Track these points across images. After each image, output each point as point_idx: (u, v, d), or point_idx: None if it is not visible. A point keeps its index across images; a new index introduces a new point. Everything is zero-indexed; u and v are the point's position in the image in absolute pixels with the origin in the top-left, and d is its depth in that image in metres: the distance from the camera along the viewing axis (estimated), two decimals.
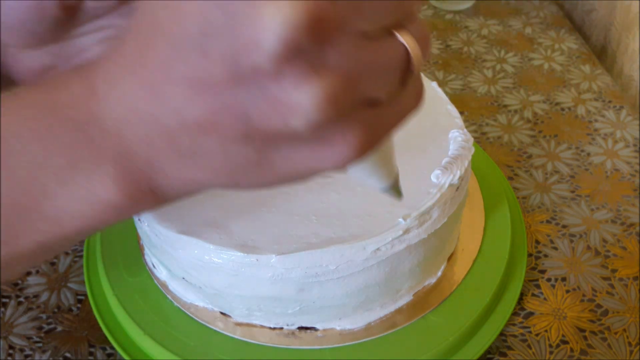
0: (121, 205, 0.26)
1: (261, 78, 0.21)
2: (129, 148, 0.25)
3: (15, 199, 0.25)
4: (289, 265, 0.39)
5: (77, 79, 0.25)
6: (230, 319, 0.44)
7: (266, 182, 0.25)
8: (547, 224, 0.56)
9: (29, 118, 0.25)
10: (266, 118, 0.22)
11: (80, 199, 0.25)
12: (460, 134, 0.46)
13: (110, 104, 0.24)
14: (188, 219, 0.42)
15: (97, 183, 0.25)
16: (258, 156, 0.24)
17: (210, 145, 0.23)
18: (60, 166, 0.25)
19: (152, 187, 0.26)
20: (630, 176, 0.60)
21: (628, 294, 0.50)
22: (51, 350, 0.47)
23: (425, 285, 0.46)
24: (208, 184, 0.26)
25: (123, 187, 0.25)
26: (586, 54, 0.77)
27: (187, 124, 0.23)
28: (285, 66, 0.21)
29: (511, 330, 0.48)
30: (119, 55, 0.24)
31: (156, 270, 0.47)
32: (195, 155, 0.24)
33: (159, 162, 0.25)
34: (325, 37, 0.21)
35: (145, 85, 0.23)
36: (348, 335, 0.44)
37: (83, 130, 0.25)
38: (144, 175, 0.25)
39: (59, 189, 0.25)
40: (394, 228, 0.40)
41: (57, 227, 0.26)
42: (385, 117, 0.25)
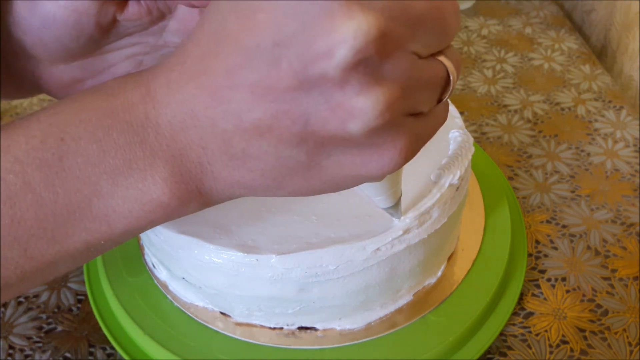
0: (170, 205, 0.27)
1: (327, 85, 0.23)
2: (182, 150, 0.26)
3: (69, 198, 0.26)
4: (289, 265, 0.39)
5: (133, 85, 0.27)
6: (230, 319, 0.44)
7: (309, 187, 0.27)
8: (547, 224, 0.56)
9: (86, 120, 0.26)
10: (325, 122, 0.24)
11: (131, 199, 0.27)
12: (460, 133, 0.46)
13: (167, 109, 0.26)
14: (188, 218, 0.41)
15: (149, 183, 0.26)
16: (308, 160, 0.26)
17: (264, 147, 0.25)
18: (115, 167, 0.26)
19: (199, 189, 0.27)
20: (630, 176, 0.60)
21: (628, 294, 0.50)
22: (51, 350, 0.47)
23: (425, 285, 0.46)
24: (253, 187, 0.27)
25: (173, 187, 0.27)
26: (586, 54, 0.77)
27: (244, 127, 0.25)
28: (351, 74, 0.23)
29: (511, 330, 0.48)
30: (179, 62, 0.26)
31: (156, 270, 0.47)
32: (246, 157, 0.26)
33: (209, 164, 0.26)
34: (388, 52, 0.24)
35: (206, 90, 0.25)
36: (348, 335, 0.44)
37: (138, 133, 0.26)
38: (193, 176, 0.27)
39: (112, 188, 0.26)
40: (393, 228, 0.40)
41: (106, 226, 0.27)
42: (425, 128, 0.27)
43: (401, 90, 0.24)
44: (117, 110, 0.26)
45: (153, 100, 0.26)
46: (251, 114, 0.24)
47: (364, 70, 0.23)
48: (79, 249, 0.27)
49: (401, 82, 0.24)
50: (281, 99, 0.24)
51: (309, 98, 0.24)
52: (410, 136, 0.26)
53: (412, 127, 0.26)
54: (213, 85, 0.25)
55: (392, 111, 0.24)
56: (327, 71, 0.23)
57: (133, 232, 0.28)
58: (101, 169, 0.26)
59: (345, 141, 0.25)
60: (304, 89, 0.23)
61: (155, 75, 0.27)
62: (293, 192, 0.28)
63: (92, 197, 0.26)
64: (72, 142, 0.26)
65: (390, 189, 0.36)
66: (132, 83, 0.27)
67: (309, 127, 0.24)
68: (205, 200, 0.28)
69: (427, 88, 0.26)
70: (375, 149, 0.26)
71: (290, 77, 0.23)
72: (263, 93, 0.24)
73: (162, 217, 0.28)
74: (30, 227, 0.26)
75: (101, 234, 0.27)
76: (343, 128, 0.24)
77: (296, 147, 0.25)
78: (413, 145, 0.27)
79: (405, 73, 0.24)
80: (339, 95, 0.23)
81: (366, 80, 0.23)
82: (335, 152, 0.26)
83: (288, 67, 0.23)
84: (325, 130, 0.24)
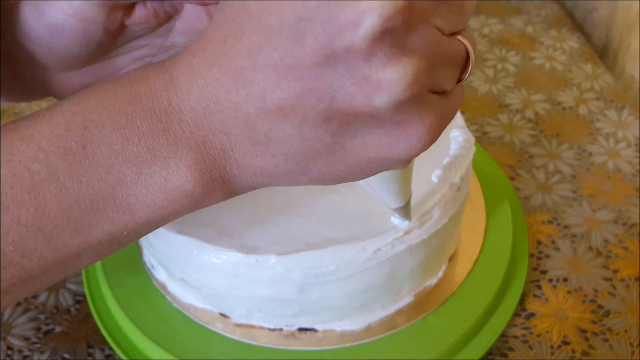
0: (194, 193, 0.27)
1: (353, 58, 0.23)
2: (205, 137, 0.26)
3: (92, 187, 0.26)
4: (289, 265, 0.39)
5: (156, 73, 0.27)
6: (229, 320, 0.44)
7: (333, 172, 0.27)
8: (548, 224, 0.56)
9: (109, 108, 0.26)
10: (351, 98, 0.24)
11: (155, 187, 0.26)
12: (462, 133, 0.46)
13: (189, 95, 0.26)
14: (187, 219, 0.41)
15: (173, 171, 0.26)
16: (333, 141, 0.25)
17: (287, 129, 0.25)
18: (138, 154, 0.26)
19: (223, 176, 0.27)
20: (632, 176, 0.60)
21: (630, 295, 0.50)
22: (50, 351, 0.47)
23: (426, 285, 0.46)
24: (276, 173, 0.27)
25: (197, 175, 0.26)
26: (588, 53, 0.77)
27: (267, 108, 0.25)
28: (377, 46, 0.23)
29: (512, 331, 0.48)
30: (200, 48, 0.26)
31: (155, 270, 0.47)
32: (269, 142, 0.26)
33: (232, 151, 0.26)
34: (413, 23, 0.23)
35: (228, 74, 0.25)
36: (348, 336, 0.44)
37: (161, 120, 0.26)
38: (217, 164, 0.26)
39: (136, 177, 0.26)
40: (394, 228, 0.40)
41: (130, 215, 0.27)
42: (448, 107, 0.27)
43: (427, 63, 0.24)
44: (140, 98, 0.26)
45: (175, 87, 0.26)
46: (275, 94, 0.24)
47: (391, 41, 0.23)
48: (101, 240, 0.27)
49: (427, 55, 0.24)
50: (306, 76, 0.24)
51: (335, 73, 0.23)
52: (436, 114, 0.26)
53: (437, 104, 0.26)
54: (235, 68, 0.24)
55: (419, 84, 0.24)
56: (354, 42, 0.23)
57: (156, 223, 0.28)
58: (125, 156, 0.26)
59: (371, 118, 0.25)
60: (330, 64, 0.23)
61: (177, 62, 0.27)
62: (316, 177, 0.27)
63: (116, 186, 0.26)
64: (96, 129, 0.26)
65: (402, 187, 0.36)
66: (155, 71, 0.27)
67: (335, 104, 0.24)
68: (228, 189, 0.28)
69: (450, 65, 0.26)
70: (403, 128, 0.25)
71: (315, 52, 0.23)
72: (287, 71, 0.24)
73: (186, 207, 0.27)
74: (54, 217, 0.26)
75: (124, 224, 0.27)
76: (369, 103, 0.24)
77: (321, 127, 0.25)
78: (439, 124, 0.26)
79: (430, 46, 0.24)
80: (366, 68, 0.23)
81: (393, 51, 0.23)
82: (361, 132, 0.25)
83: (313, 42, 0.23)
84: (351, 106, 0.24)
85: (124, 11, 0.32)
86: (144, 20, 0.32)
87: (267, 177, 0.27)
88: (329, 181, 0.27)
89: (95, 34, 0.31)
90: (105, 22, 0.31)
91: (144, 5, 0.32)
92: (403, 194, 0.37)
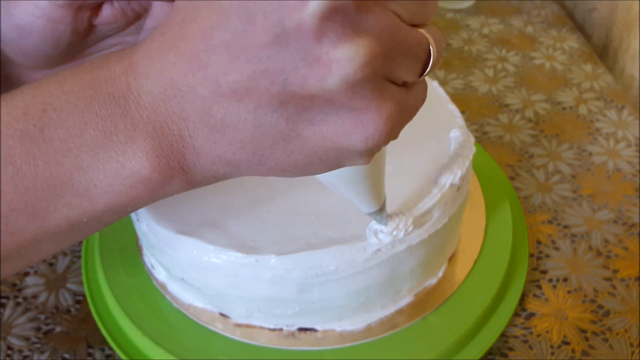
0: (150, 180, 0.26)
1: (303, 38, 0.23)
2: (163, 122, 0.26)
3: (50, 171, 0.26)
4: (289, 265, 0.39)
5: (117, 58, 0.27)
6: (229, 319, 0.44)
7: (291, 162, 0.26)
8: (548, 224, 0.56)
9: (68, 92, 0.26)
10: (303, 79, 0.23)
11: (112, 172, 0.26)
12: (462, 133, 0.46)
13: (147, 79, 0.26)
14: (187, 218, 0.41)
15: (129, 156, 0.26)
16: (288, 128, 0.25)
17: (242, 114, 0.25)
18: (95, 139, 0.26)
19: (181, 164, 0.27)
20: (632, 176, 0.60)
21: (630, 295, 0.50)
22: (50, 351, 0.47)
23: (426, 285, 0.46)
24: (234, 162, 0.26)
25: (154, 161, 0.26)
26: (587, 53, 0.77)
27: (222, 91, 0.24)
28: (328, 25, 0.22)
29: (512, 331, 0.48)
30: (160, 33, 0.26)
31: (155, 270, 0.47)
32: (225, 128, 0.25)
33: (190, 137, 0.26)
34: (367, 5, 0.23)
35: (184, 56, 0.24)
36: (348, 336, 0.44)
37: (120, 104, 0.26)
38: (174, 150, 0.26)
39: (93, 161, 0.26)
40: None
41: (88, 201, 0.27)
42: (409, 101, 0.26)
43: (382, 47, 0.24)
44: (99, 82, 0.26)
45: (134, 72, 0.26)
46: (228, 76, 0.24)
47: (342, 21, 0.23)
48: (60, 225, 0.27)
49: (382, 40, 0.24)
50: (258, 57, 0.23)
51: (286, 54, 0.23)
52: (395, 105, 0.25)
53: (396, 95, 0.25)
54: (191, 50, 0.24)
55: (372, 67, 0.23)
56: (303, 20, 0.22)
57: (116, 210, 0.28)
58: (82, 141, 0.26)
59: (327, 103, 0.24)
60: (281, 44, 0.23)
61: (138, 48, 0.26)
62: (275, 167, 0.27)
63: (73, 171, 0.26)
64: (54, 113, 0.26)
65: (372, 190, 0.35)
66: (116, 56, 0.27)
67: (288, 87, 0.24)
68: (188, 178, 0.27)
69: (409, 56, 0.25)
70: (359, 116, 0.25)
71: (266, 31, 0.23)
72: (239, 52, 0.23)
73: (145, 194, 0.27)
74: (10, 200, 0.26)
75: (83, 209, 0.27)
76: (322, 85, 0.23)
77: (276, 112, 0.24)
78: (399, 117, 0.26)
79: (386, 31, 0.24)
80: (317, 48, 0.23)
81: (344, 31, 0.23)
82: (317, 120, 0.25)
83: (263, 21, 0.23)
84: (305, 89, 0.24)
85: (91, 11, 0.32)
86: (112, 19, 0.33)
87: (226, 166, 0.27)
88: (289, 172, 0.27)
89: (63, 34, 0.31)
90: (72, 22, 0.31)
91: (112, 5, 0.32)
92: (375, 198, 0.36)
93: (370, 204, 0.36)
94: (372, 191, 0.35)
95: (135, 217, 0.44)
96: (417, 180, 0.43)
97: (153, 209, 0.42)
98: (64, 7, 0.31)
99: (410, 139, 0.46)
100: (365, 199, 0.35)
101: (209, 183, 0.28)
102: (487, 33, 0.81)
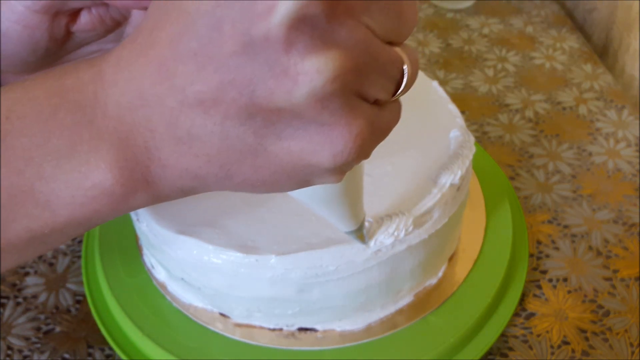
0: (113, 192, 0.26)
1: (271, 48, 0.22)
2: (129, 133, 0.25)
3: (10, 180, 0.25)
4: (289, 265, 0.39)
5: (86, 66, 0.26)
6: (229, 319, 0.44)
7: (259, 177, 0.26)
8: (548, 224, 0.56)
9: (33, 99, 0.25)
10: (270, 92, 0.22)
11: (74, 183, 0.25)
12: (462, 133, 0.46)
13: (115, 88, 0.25)
14: (187, 218, 0.41)
15: (92, 167, 0.25)
16: (255, 142, 0.24)
17: (209, 126, 0.24)
18: (59, 148, 0.25)
19: (146, 177, 0.26)
20: (632, 176, 0.60)
21: (630, 295, 0.50)
22: (50, 351, 0.47)
23: (426, 285, 0.46)
24: (201, 175, 0.26)
25: (117, 173, 0.25)
26: (587, 53, 0.77)
27: (189, 102, 0.23)
28: (296, 36, 0.22)
29: (512, 331, 0.48)
30: (130, 40, 0.25)
31: (155, 270, 0.47)
32: (192, 140, 0.24)
33: (156, 149, 0.25)
34: (337, 15, 0.22)
35: (152, 64, 0.24)
36: (348, 336, 0.44)
37: (86, 113, 0.25)
38: (140, 162, 0.25)
39: (55, 171, 0.25)
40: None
41: (49, 212, 0.26)
42: (381, 120, 0.25)
43: (353, 62, 0.23)
44: (66, 90, 0.25)
45: (102, 80, 0.25)
46: (195, 86, 0.23)
47: (311, 32, 0.22)
48: (21, 237, 0.26)
49: (353, 54, 0.23)
50: (225, 67, 0.22)
51: (255, 65, 0.22)
52: (366, 123, 0.24)
53: (368, 113, 0.24)
54: (159, 58, 0.23)
55: (342, 81, 0.23)
56: (270, 30, 0.21)
57: (79, 222, 0.27)
58: (45, 150, 0.25)
59: (295, 118, 0.23)
60: (249, 54, 0.22)
61: (108, 55, 0.26)
62: (243, 182, 0.26)
63: (35, 180, 0.25)
64: (17, 120, 0.25)
65: (348, 210, 0.33)
66: (86, 64, 0.26)
67: (256, 98, 0.23)
68: (154, 191, 0.26)
69: (382, 73, 0.24)
70: (327, 133, 0.24)
71: (233, 40, 0.22)
72: (207, 62, 0.22)
73: (108, 207, 0.26)
74: None
75: (44, 220, 0.26)
76: (289, 98, 0.22)
77: (243, 124, 0.24)
78: (370, 135, 0.25)
79: (358, 45, 0.23)
80: (284, 60, 0.22)
81: (312, 43, 0.22)
82: (285, 134, 0.24)
83: (231, 29, 0.22)
84: (272, 102, 0.23)
85: (68, 18, 0.32)
86: (90, 27, 0.32)
87: (193, 180, 0.26)
88: (257, 188, 0.26)
89: (40, 40, 0.31)
90: (49, 28, 0.31)
91: (89, 12, 0.32)
92: (352, 217, 0.34)
93: (347, 224, 0.35)
94: (348, 210, 0.34)
95: (135, 217, 0.44)
96: (417, 180, 0.43)
97: (153, 209, 0.42)
98: (40, 13, 0.30)
99: (410, 139, 0.46)
100: (341, 218, 0.34)
101: (176, 197, 0.27)
102: (487, 33, 0.81)
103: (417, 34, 0.81)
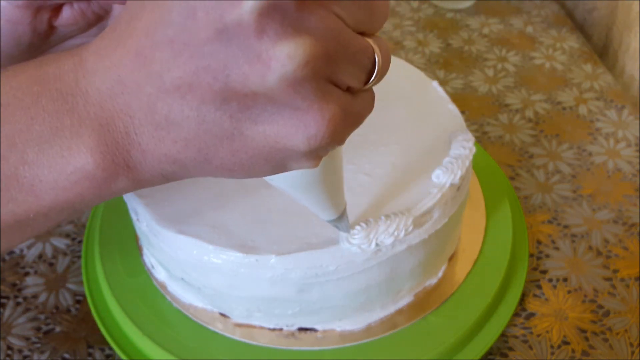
0: (95, 176, 0.27)
1: (244, 34, 0.23)
2: (109, 119, 0.26)
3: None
4: (289, 265, 0.39)
5: (67, 55, 0.27)
6: (229, 319, 0.44)
7: (237, 161, 0.26)
8: (548, 224, 0.56)
9: (16, 87, 0.26)
10: (244, 77, 0.23)
11: (56, 168, 0.26)
12: (462, 133, 0.46)
13: (96, 76, 0.26)
14: (187, 218, 0.41)
15: (74, 152, 0.26)
16: (232, 126, 0.25)
17: (186, 111, 0.25)
18: (41, 134, 0.26)
19: (127, 162, 0.27)
20: (632, 176, 0.60)
21: (630, 295, 0.50)
22: (50, 351, 0.47)
23: (426, 285, 0.46)
24: (180, 160, 0.26)
25: (98, 157, 0.26)
26: (587, 53, 0.77)
27: (166, 88, 0.24)
28: (267, 23, 0.23)
29: (512, 331, 0.48)
30: (110, 30, 0.26)
31: (155, 270, 0.47)
32: (170, 126, 0.25)
33: (135, 134, 0.26)
34: (307, 4, 0.23)
35: (131, 53, 0.25)
36: (348, 336, 0.44)
37: (67, 100, 0.26)
38: (120, 147, 0.26)
39: (38, 156, 0.26)
40: None
41: (33, 197, 0.27)
42: (354, 106, 0.26)
43: (323, 48, 0.24)
44: (48, 78, 0.26)
45: (83, 68, 0.26)
46: (172, 72, 0.24)
47: (282, 19, 0.23)
48: (7, 221, 0.27)
49: (324, 41, 0.24)
50: (200, 53, 0.23)
51: (228, 51, 0.23)
52: (338, 109, 0.25)
53: (340, 99, 0.25)
54: (137, 47, 0.24)
55: (313, 66, 0.23)
56: (242, 17, 0.22)
57: (63, 207, 0.28)
58: (28, 136, 0.26)
59: (269, 102, 0.24)
60: (222, 40, 0.23)
61: (89, 45, 0.27)
62: (221, 166, 0.27)
63: (18, 165, 0.26)
64: (1, 108, 0.26)
65: (328, 198, 0.34)
66: (67, 53, 0.27)
67: (230, 83, 0.24)
68: (135, 176, 0.27)
69: (353, 62, 0.25)
70: (301, 116, 0.25)
71: (207, 27, 0.23)
72: (182, 48, 0.23)
73: (90, 191, 0.27)
74: None
75: (28, 204, 0.27)
76: (263, 83, 0.23)
77: (219, 109, 0.25)
78: (342, 120, 0.26)
79: (328, 33, 0.24)
80: (257, 45, 0.23)
81: (283, 29, 0.23)
82: (261, 119, 0.25)
83: (205, 17, 0.23)
84: (246, 86, 0.24)
85: (51, 13, 0.32)
86: (72, 21, 0.33)
87: (173, 164, 0.27)
88: (235, 172, 0.27)
89: (23, 34, 0.32)
90: (32, 23, 0.32)
91: (71, 7, 0.33)
92: (332, 205, 0.35)
93: (327, 212, 0.35)
94: (329, 198, 0.34)
95: (135, 217, 0.44)
96: (417, 181, 0.43)
97: (153, 209, 0.42)
98: (22, 8, 0.31)
99: (410, 139, 0.46)
100: (322, 206, 0.35)
101: (158, 182, 0.28)
102: (487, 33, 0.81)
103: (417, 34, 0.81)
